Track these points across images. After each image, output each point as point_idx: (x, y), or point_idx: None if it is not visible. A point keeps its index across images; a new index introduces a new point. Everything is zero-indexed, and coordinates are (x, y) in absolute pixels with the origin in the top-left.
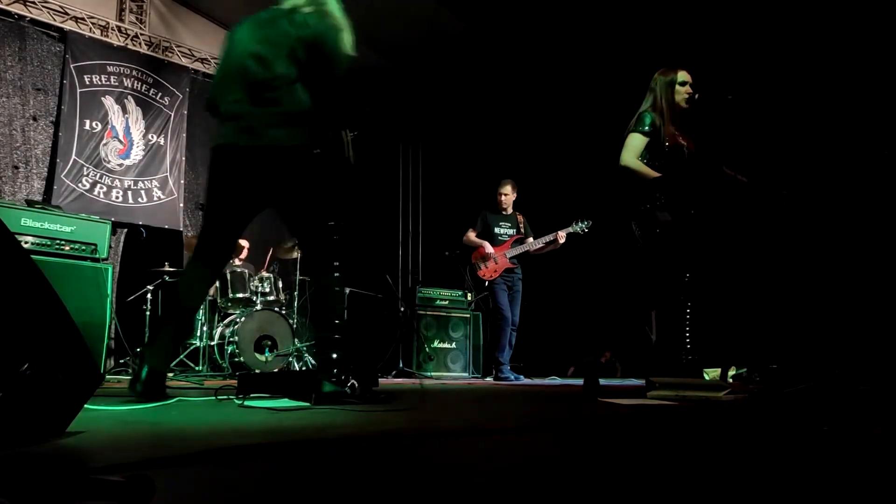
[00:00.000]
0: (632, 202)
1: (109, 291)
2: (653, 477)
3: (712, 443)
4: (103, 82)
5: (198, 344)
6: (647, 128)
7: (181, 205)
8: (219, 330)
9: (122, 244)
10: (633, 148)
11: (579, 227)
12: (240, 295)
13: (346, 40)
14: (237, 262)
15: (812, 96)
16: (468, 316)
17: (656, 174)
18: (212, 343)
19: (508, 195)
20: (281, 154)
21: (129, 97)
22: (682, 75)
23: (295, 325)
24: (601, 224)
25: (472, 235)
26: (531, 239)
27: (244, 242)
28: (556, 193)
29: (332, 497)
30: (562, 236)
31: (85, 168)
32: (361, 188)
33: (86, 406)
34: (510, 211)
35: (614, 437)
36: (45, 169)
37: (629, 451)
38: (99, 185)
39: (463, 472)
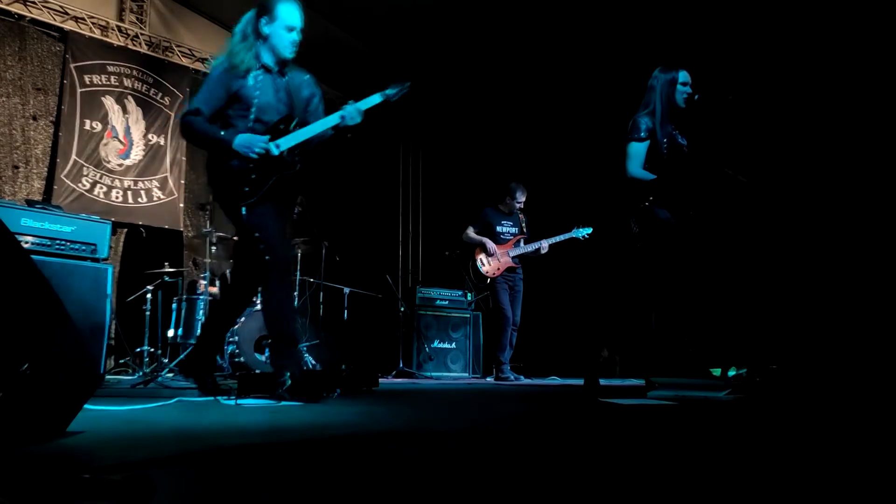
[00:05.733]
0: (631, 200)
1: (109, 291)
2: (652, 477)
3: (712, 443)
4: (103, 82)
5: None
6: (642, 133)
7: (181, 205)
8: None
9: (122, 244)
10: (636, 157)
11: (580, 233)
12: None
13: (239, 63)
14: None
15: (812, 96)
16: (468, 316)
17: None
18: None
19: (522, 202)
20: None
21: (130, 97)
22: (684, 74)
23: None
24: (601, 224)
25: (472, 233)
26: (522, 242)
27: None
28: (557, 194)
29: (332, 496)
30: (545, 247)
31: (85, 168)
32: (361, 188)
33: (86, 406)
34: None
35: (614, 437)
36: (45, 169)
37: (629, 451)
38: (99, 185)
39: (462, 472)
